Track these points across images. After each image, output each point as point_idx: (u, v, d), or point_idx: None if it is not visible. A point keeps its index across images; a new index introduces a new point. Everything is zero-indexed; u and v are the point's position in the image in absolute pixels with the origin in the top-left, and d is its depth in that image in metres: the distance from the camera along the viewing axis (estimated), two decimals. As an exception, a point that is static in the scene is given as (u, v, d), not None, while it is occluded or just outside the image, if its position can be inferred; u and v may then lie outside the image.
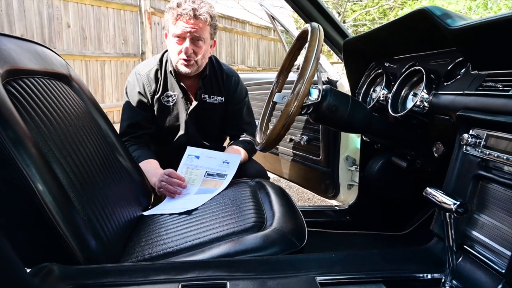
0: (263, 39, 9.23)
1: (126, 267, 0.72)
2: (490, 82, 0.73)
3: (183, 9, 1.29)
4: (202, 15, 1.31)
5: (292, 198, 1.20)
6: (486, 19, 0.67)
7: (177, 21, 1.32)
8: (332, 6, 11.31)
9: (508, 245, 0.66)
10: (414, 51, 1.13)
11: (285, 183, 3.11)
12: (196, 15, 1.30)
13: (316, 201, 2.87)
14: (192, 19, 1.30)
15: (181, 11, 1.29)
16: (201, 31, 1.34)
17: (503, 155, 0.67)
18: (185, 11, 1.29)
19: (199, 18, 1.31)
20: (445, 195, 0.67)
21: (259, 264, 0.75)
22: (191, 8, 1.29)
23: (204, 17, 1.32)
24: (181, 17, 1.30)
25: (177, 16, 1.31)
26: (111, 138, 1.20)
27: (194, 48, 1.35)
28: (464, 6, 5.74)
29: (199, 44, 1.36)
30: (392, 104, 1.07)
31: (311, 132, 1.76)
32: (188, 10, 1.29)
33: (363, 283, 0.73)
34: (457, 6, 5.90)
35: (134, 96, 1.46)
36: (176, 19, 1.32)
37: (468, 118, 0.76)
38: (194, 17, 1.30)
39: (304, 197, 2.97)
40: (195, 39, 1.34)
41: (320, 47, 0.91)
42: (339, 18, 11.15)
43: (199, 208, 1.12)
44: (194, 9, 1.30)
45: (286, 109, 0.90)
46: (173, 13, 1.31)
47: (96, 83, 5.00)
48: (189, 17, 1.30)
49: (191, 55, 1.35)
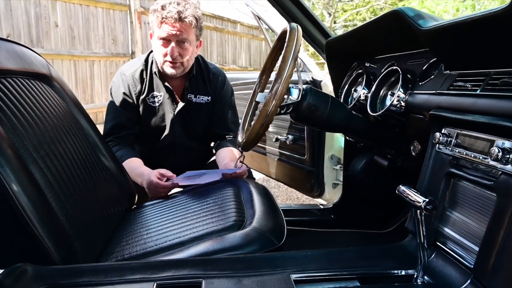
0: (255, 39, 9.24)
1: (102, 267, 0.72)
2: (460, 82, 0.74)
3: (168, 11, 1.29)
4: (187, 18, 1.31)
5: (281, 198, 1.20)
6: (455, 20, 0.69)
7: (162, 24, 1.31)
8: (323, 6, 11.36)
9: (477, 240, 0.68)
10: (393, 51, 1.14)
11: (274, 183, 3.12)
12: (181, 17, 1.30)
13: (305, 200, 2.89)
14: (177, 22, 1.30)
15: (166, 14, 1.29)
16: (187, 33, 1.33)
17: (471, 153, 0.69)
18: (170, 14, 1.28)
19: (184, 21, 1.31)
20: (415, 193, 0.68)
21: (235, 262, 0.76)
22: (176, 11, 1.28)
23: (189, 20, 1.31)
24: (166, 20, 1.30)
25: (162, 19, 1.30)
26: (93, 138, 1.20)
27: (179, 51, 1.35)
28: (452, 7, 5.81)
29: (185, 46, 1.35)
30: (371, 103, 1.08)
31: (297, 132, 1.78)
32: (173, 13, 1.28)
33: (338, 280, 0.74)
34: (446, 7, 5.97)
35: (118, 96, 1.45)
36: (161, 22, 1.31)
37: (440, 117, 0.77)
38: (179, 20, 1.30)
39: (293, 197, 2.98)
40: (180, 41, 1.34)
41: (298, 47, 0.92)
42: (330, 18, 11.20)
43: (181, 208, 1.12)
44: (179, 11, 1.29)
45: (265, 109, 0.91)
46: (158, 16, 1.30)
47: (85, 83, 4.97)
48: (174, 20, 1.29)
49: (177, 57, 1.35)
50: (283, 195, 3.00)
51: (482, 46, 0.68)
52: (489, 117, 0.64)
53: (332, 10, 11.51)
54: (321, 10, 11.60)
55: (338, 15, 12.22)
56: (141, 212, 1.19)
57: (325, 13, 11.76)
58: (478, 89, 0.68)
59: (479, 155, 0.67)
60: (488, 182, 0.65)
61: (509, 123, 0.59)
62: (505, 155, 0.60)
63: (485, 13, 0.60)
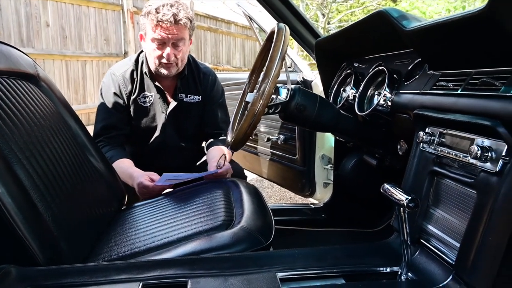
0: (249, 39, 9.24)
1: (87, 267, 0.72)
2: (443, 82, 0.76)
3: (163, 14, 1.28)
4: (182, 20, 1.31)
5: (274, 198, 1.21)
6: (436, 21, 0.70)
7: (158, 27, 1.30)
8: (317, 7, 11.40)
9: (458, 237, 0.69)
10: (380, 52, 1.16)
11: (267, 183, 3.13)
12: (176, 20, 1.30)
13: (298, 200, 2.90)
14: (173, 25, 1.30)
15: (161, 17, 1.28)
16: (182, 35, 1.34)
17: (453, 152, 0.70)
18: (166, 17, 1.28)
19: (179, 24, 1.31)
20: (398, 191, 0.69)
21: (222, 261, 0.76)
22: (172, 13, 1.28)
23: (184, 21, 1.32)
24: (161, 23, 1.29)
25: (158, 22, 1.29)
26: (82, 139, 1.19)
27: (175, 52, 1.35)
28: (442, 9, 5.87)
29: (179, 47, 1.36)
30: (358, 103, 1.09)
31: (288, 132, 1.78)
32: (169, 17, 1.28)
33: (323, 278, 0.75)
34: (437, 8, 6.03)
35: (109, 97, 1.45)
36: (157, 25, 1.30)
37: (423, 116, 0.78)
38: (175, 23, 1.30)
39: (286, 196, 2.99)
40: (176, 43, 1.34)
41: (286, 47, 0.92)
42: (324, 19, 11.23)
43: (170, 208, 1.12)
44: (174, 14, 1.29)
45: (252, 108, 0.91)
46: (153, 19, 1.30)
47: (77, 84, 4.94)
48: (170, 23, 1.29)
49: (172, 59, 1.36)
50: (277, 195, 3.01)
51: (462, 46, 0.69)
52: (469, 116, 0.65)
53: (326, 11, 11.56)
54: (315, 11, 11.64)
55: (332, 16, 12.26)
56: (130, 212, 1.19)
57: (319, 14, 11.80)
58: (459, 89, 0.69)
59: (460, 153, 0.68)
60: (469, 180, 0.66)
61: (487, 122, 0.60)
62: (484, 153, 0.62)
63: (464, 14, 0.61)
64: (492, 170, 0.61)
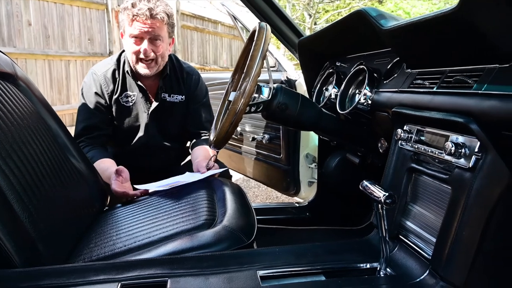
0: (236, 39, 9.23)
1: (65, 269, 0.71)
2: (420, 80, 0.77)
3: (139, 9, 1.28)
4: (158, 15, 1.31)
5: (261, 197, 1.21)
6: (411, 20, 0.71)
7: (133, 21, 1.30)
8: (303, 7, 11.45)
9: (435, 232, 0.70)
10: (361, 51, 1.17)
11: (254, 182, 3.13)
12: (152, 14, 1.29)
13: (284, 199, 2.91)
14: (148, 19, 1.29)
15: (137, 11, 1.28)
16: (159, 30, 1.33)
17: (429, 149, 0.71)
18: (141, 11, 1.28)
19: (156, 18, 1.31)
20: (376, 188, 0.70)
21: (202, 260, 0.76)
22: (147, 8, 1.28)
23: (161, 16, 1.31)
24: (137, 17, 1.29)
25: (133, 17, 1.29)
26: (62, 139, 1.17)
27: (152, 48, 1.34)
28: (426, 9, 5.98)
29: (157, 43, 1.35)
30: (340, 102, 1.10)
31: (272, 131, 1.79)
32: (144, 10, 1.28)
33: (304, 275, 0.75)
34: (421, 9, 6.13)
35: (90, 97, 1.43)
36: (132, 19, 1.30)
37: (401, 114, 0.80)
38: (151, 16, 1.29)
39: (273, 196, 3.00)
40: (153, 38, 1.33)
41: (266, 46, 0.93)
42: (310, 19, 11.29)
43: (153, 208, 1.11)
44: (150, 8, 1.29)
45: (233, 107, 0.91)
46: (129, 14, 1.30)
47: (60, 84, 4.85)
48: (146, 17, 1.29)
49: (149, 54, 1.34)
50: (263, 194, 3.01)
51: (436, 45, 0.71)
52: (444, 113, 0.66)
53: (312, 11, 11.62)
54: (302, 11, 11.69)
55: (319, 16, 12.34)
56: (112, 213, 1.17)
57: (305, 14, 11.86)
58: (435, 87, 0.71)
59: (436, 150, 0.70)
60: (444, 176, 0.68)
61: (460, 119, 0.61)
62: (458, 150, 0.63)
63: (437, 14, 0.62)
64: (466, 166, 0.63)
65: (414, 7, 6.07)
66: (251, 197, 2.92)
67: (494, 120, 0.56)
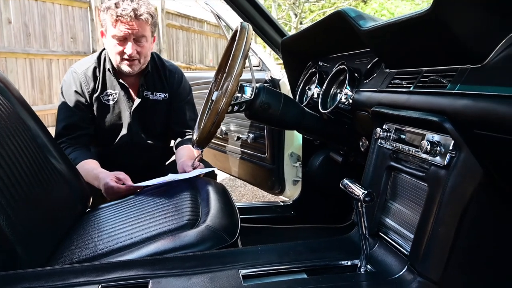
0: (222, 38, 9.20)
1: (44, 271, 0.70)
2: (397, 80, 0.78)
3: (123, 9, 1.26)
4: (143, 15, 1.29)
5: (247, 196, 1.21)
6: (388, 21, 0.72)
7: (118, 22, 1.28)
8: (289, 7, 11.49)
9: (413, 229, 0.72)
10: (343, 51, 1.18)
11: (240, 182, 3.13)
12: (137, 15, 1.28)
13: (271, 198, 2.92)
14: (133, 20, 1.28)
15: (121, 12, 1.26)
16: (143, 31, 1.32)
17: (406, 147, 0.73)
18: (125, 12, 1.26)
19: (140, 19, 1.29)
20: (356, 186, 0.71)
21: (184, 260, 0.76)
22: (131, 8, 1.27)
23: (145, 17, 1.30)
24: (121, 18, 1.27)
25: (117, 17, 1.27)
26: (42, 139, 1.15)
27: (137, 48, 1.34)
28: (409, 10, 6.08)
29: (141, 43, 1.34)
30: (322, 101, 1.11)
31: (257, 130, 1.79)
32: (129, 11, 1.26)
33: (286, 273, 0.76)
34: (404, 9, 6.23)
35: (70, 95, 1.41)
36: (116, 20, 1.28)
37: (380, 113, 0.81)
38: (135, 17, 1.28)
39: (259, 195, 3.00)
40: (137, 39, 1.33)
41: (248, 46, 0.93)
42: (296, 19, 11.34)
43: (136, 209, 1.11)
44: (134, 9, 1.27)
45: (215, 107, 0.91)
46: (112, 14, 1.28)
47: (42, 83, 4.75)
48: (130, 18, 1.27)
49: (134, 56, 1.33)
50: (249, 193, 3.01)
51: (412, 45, 0.72)
52: (420, 112, 0.68)
53: (298, 10, 11.67)
54: (287, 11, 11.73)
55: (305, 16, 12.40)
56: (95, 214, 1.16)
57: (291, 14, 11.91)
58: (412, 87, 0.72)
59: (413, 148, 0.71)
60: (421, 174, 0.69)
61: (435, 118, 0.63)
62: (433, 148, 0.64)
63: (412, 15, 0.64)
64: (441, 163, 0.64)
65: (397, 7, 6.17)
66: (237, 196, 2.92)
67: (466, 119, 0.58)
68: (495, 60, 0.56)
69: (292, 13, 11.73)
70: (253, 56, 1.76)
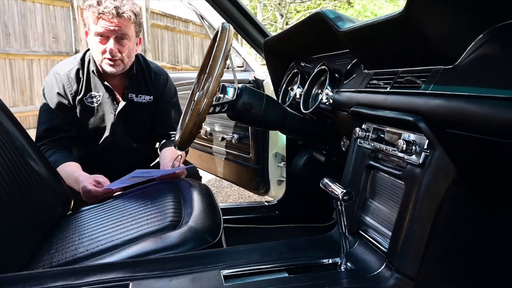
0: (207, 38, 9.15)
1: (21, 276, 0.69)
2: (375, 80, 0.80)
3: (105, 7, 1.25)
4: (125, 13, 1.28)
5: (233, 197, 1.21)
6: (364, 23, 0.74)
7: (99, 19, 1.27)
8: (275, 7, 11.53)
9: (391, 226, 0.73)
10: (324, 52, 1.20)
11: (226, 182, 3.13)
12: (119, 13, 1.27)
13: (256, 198, 2.92)
14: (115, 18, 1.27)
15: (103, 9, 1.25)
16: (126, 29, 1.31)
17: (384, 146, 0.74)
18: (107, 9, 1.25)
19: (123, 16, 1.28)
20: (336, 185, 0.72)
21: (166, 262, 0.76)
22: (113, 6, 1.26)
23: (127, 15, 1.29)
24: (103, 16, 1.26)
25: (99, 15, 1.26)
26: (20, 142, 1.13)
27: (119, 47, 1.32)
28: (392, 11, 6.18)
29: (124, 42, 1.33)
30: (304, 101, 1.12)
31: (241, 131, 1.80)
32: (110, 9, 1.25)
33: (267, 272, 0.76)
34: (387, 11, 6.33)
35: (52, 97, 1.38)
36: (98, 17, 1.27)
37: (359, 113, 0.82)
38: (117, 15, 1.27)
39: (245, 195, 3.00)
40: (119, 37, 1.31)
41: (229, 47, 0.93)
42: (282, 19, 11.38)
43: (117, 211, 1.09)
44: (116, 7, 1.26)
45: (197, 108, 0.91)
46: (94, 12, 1.27)
47: (23, 84, 4.64)
48: (112, 15, 1.26)
49: (116, 54, 1.32)
50: (235, 194, 3.01)
51: (387, 47, 0.74)
52: (396, 112, 0.69)
53: (284, 11, 11.72)
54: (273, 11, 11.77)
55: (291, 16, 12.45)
56: (76, 217, 1.14)
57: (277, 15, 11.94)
58: (388, 87, 0.74)
59: (390, 147, 0.73)
60: (398, 172, 0.71)
61: (410, 117, 0.64)
62: (409, 147, 0.66)
63: (387, 17, 0.65)
64: (416, 162, 0.66)
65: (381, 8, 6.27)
66: (223, 197, 2.92)
67: (439, 118, 0.59)
68: (466, 61, 0.58)
69: (278, 13, 11.77)
70: (237, 56, 1.76)
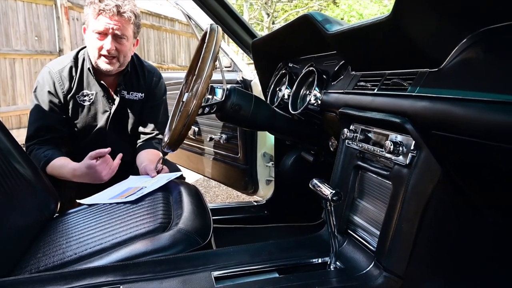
0: (194, 37, 9.10)
1: (7, 282, 0.68)
2: (363, 82, 0.81)
3: (106, 4, 1.26)
4: (126, 13, 1.29)
5: (221, 197, 1.21)
6: (352, 26, 0.75)
7: (99, 16, 1.27)
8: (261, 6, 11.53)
9: (379, 226, 0.75)
10: (312, 53, 1.21)
11: (215, 182, 3.12)
12: (119, 12, 1.27)
13: (245, 198, 2.92)
14: (115, 16, 1.27)
15: (104, 7, 1.26)
16: (124, 29, 1.31)
17: (372, 147, 0.76)
18: (108, 7, 1.26)
19: (123, 16, 1.29)
20: (325, 186, 0.73)
21: (156, 264, 0.75)
22: (115, 4, 1.26)
23: (128, 15, 1.29)
24: (103, 13, 1.26)
25: (100, 11, 1.26)
26: (5, 144, 1.10)
27: (116, 46, 1.32)
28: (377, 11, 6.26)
29: (122, 42, 1.32)
30: (292, 102, 1.13)
31: (230, 131, 1.79)
32: (112, 6, 1.26)
33: (258, 273, 0.77)
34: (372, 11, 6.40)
35: (43, 96, 1.36)
36: (98, 13, 1.27)
37: (347, 114, 0.84)
38: (118, 14, 1.27)
39: (233, 195, 3.00)
40: (117, 36, 1.31)
41: (218, 48, 0.93)
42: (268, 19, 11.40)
43: (106, 214, 1.08)
44: (117, 5, 1.27)
45: (186, 109, 0.91)
46: (95, 8, 1.27)
47: (5, 84, 4.53)
48: (113, 13, 1.26)
49: (113, 52, 1.31)
50: (224, 194, 3.01)
51: (374, 49, 0.75)
52: (383, 114, 0.71)
53: (270, 10, 11.73)
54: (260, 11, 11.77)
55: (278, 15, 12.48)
56: (63, 220, 1.13)
57: (264, 14, 11.96)
58: (376, 89, 0.75)
59: (378, 148, 0.74)
60: (385, 173, 0.72)
61: (397, 119, 0.66)
62: (396, 148, 0.67)
63: (374, 20, 0.66)
64: (403, 163, 0.67)
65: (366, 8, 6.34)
66: (211, 197, 2.91)
67: (425, 120, 0.61)
68: (450, 64, 0.59)
69: (265, 12, 11.78)
70: (225, 57, 1.76)
